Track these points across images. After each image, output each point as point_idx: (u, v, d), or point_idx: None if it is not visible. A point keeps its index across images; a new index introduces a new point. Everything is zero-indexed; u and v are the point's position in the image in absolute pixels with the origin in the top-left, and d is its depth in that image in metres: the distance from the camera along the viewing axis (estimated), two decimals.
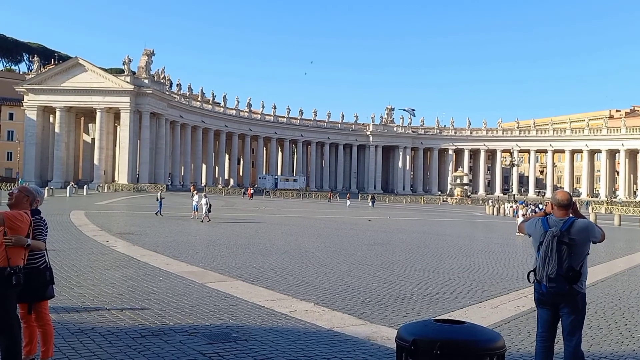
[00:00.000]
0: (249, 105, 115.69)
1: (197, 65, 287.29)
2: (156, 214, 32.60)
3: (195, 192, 37.01)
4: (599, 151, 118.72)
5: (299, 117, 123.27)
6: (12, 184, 68.06)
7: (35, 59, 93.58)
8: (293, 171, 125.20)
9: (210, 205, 30.79)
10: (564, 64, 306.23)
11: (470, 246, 22.99)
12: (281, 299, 10.17)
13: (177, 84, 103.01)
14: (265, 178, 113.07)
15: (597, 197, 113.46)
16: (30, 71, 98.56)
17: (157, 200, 34.39)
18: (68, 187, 61.13)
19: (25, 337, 5.98)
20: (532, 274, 5.66)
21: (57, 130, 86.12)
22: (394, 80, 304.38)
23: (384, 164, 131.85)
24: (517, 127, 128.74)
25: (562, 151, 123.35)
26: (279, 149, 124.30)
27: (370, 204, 70.52)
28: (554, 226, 5.50)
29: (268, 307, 9.44)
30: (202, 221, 29.36)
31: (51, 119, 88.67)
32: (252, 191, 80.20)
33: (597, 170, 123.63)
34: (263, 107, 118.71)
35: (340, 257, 16.93)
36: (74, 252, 15.74)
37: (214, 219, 30.64)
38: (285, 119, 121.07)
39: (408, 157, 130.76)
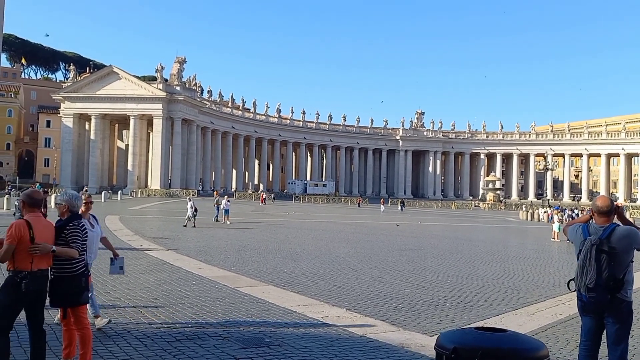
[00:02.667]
0: (279, 110, 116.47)
1: (227, 71, 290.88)
2: (214, 219, 33.26)
3: (226, 196, 37.35)
4: (637, 155, 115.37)
5: (328, 122, 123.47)
6: (50, 190, 69.86)
7: (71, 67, 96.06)
8: (322, 176, 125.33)
9: (196, 210, 29.19)
10: (599, 66, 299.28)
11: (504, 252, 22.59)
12: (313, 304, 10.15)
13: (208, 91, 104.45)
14: (294, 183, 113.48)
15: (634, 202, 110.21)
16: (67, 80, 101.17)
17: (214, 206, 35.06)
18: (103, 193, 62.45)
19: (65, 340, 6.10)
20: (572, 282, 5.51)
21: (92, 137, 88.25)
22: (424, 85, 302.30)
23: (414, 169, 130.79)
24: (551, 131, 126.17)
25: (598, 155, 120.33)
26: (308, 154, 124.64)
27: (399, 208, 71.80)
28: (594, 234, 5.35)
29: (300, 312, 9.44)
30: (184, 225, 28.24)
31: (86, 126, 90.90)
32: (264, 196, 77.69)
33: (635, 175, 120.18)
34: (292, 112, 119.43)
35: (371, 263, 16.84)
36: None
37: (232, 224, 30.83)
38: (314, 124, 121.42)
39: (439, 162, 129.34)
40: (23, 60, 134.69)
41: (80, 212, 7.67)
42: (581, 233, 5.48)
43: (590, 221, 5.59)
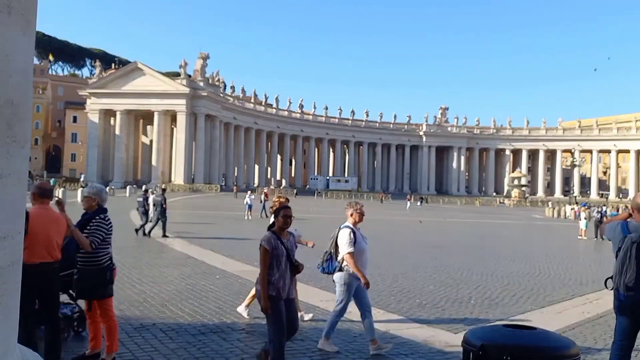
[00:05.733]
0: (301, 106, 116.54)
1: (250, 67, 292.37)
2: (261, 215, 33.45)
3: (249, 192, 37.58)
4: None
5: (350, 118, 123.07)
6: (76, 184, 71.25)
7: (97, 64, 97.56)
8: (345, 172, 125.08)
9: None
10: (628, 59, 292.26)
11: (529, 249, 22.28)
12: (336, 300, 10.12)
13: (231, 86, 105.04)
14: (316, 179, 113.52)
15: None
16: (93, 76, 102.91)
17: (261, 202, 35.65)
18: (128, 188, 63.41)
19: (90, 332, 6.17)
20: (610, 281, 5.43)
21: (117, 132, 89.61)
22: (448, 80, 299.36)
23: (437, 165, 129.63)
24: (579, 127, 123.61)
25: (627, 151, 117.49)
26: (331, 150, 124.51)
27: (419, 203, 72.81)
28: (634, 231, 5.24)
29: (323, 307, 9.46)
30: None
31: (112, 122, 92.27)
32: (266, 191, 73.19)
33: None
34: (315, 108, 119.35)
35: (395, 259, 16.76)
36: (135, 250, 16.27)
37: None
38: (336, 119, 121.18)
39: (463, 158, 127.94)
40: (50, 57, 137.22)
41: (352, 223, 7.29)
42: (620, 231, 5.38)
43: (630, 219, 5.47)
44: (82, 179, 64.19)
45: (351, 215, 7.34)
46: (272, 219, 6.81)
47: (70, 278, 6.41)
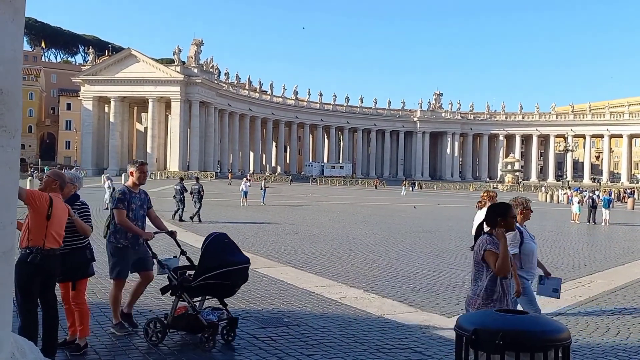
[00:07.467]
0: (296, 92, 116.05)
1: (244, 54, 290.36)
2: (262, 202, 33.63)
3: (244, 179, 37.55)
4: None
5: (345, 104, 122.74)
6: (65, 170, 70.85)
7: (91, 50, 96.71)
8: (339, 158, 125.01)
9: (114, 190, 26.70)
10: (622, 44, 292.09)
11: None
12: (331, 285, 10.21)
13: (225, 73, 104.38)
14: (311, 165, 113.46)
15: None
16: (86, 63, 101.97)
17: (262, 189, 35.39)
18: (123, 175, 63.17)
19: (69, 318, 6.18)
20: None
21: (111, 119, 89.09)
22: (442, 66, 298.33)
23: (431, 151, 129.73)
24: (572, 111, 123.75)
25: (620, 136, 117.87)
26: (325, 136, 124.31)
27: (410, 189, 74.27)
28: None
29: (318, 292, 9.50)
30: (106, 208, 25.31)
31: (106, 109, 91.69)
32: (247, 175, 65.16)
33: None
34: (309, 94, 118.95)
35: (389, 244, 16.84)
36: None
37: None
38: (331, 106, 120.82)
39: (457, 143, 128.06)
40: (43, 44, 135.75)
41: (519, 221, 6.52)
42: None
43: None
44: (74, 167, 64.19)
45: (520, 213, 6.60)
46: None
47: (222, 279, 6.27)
